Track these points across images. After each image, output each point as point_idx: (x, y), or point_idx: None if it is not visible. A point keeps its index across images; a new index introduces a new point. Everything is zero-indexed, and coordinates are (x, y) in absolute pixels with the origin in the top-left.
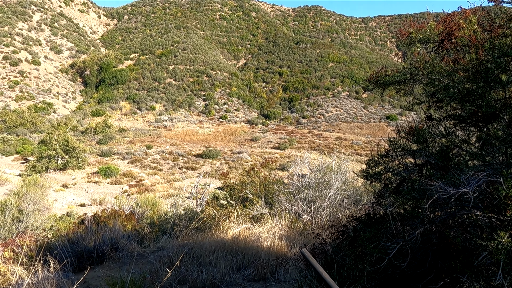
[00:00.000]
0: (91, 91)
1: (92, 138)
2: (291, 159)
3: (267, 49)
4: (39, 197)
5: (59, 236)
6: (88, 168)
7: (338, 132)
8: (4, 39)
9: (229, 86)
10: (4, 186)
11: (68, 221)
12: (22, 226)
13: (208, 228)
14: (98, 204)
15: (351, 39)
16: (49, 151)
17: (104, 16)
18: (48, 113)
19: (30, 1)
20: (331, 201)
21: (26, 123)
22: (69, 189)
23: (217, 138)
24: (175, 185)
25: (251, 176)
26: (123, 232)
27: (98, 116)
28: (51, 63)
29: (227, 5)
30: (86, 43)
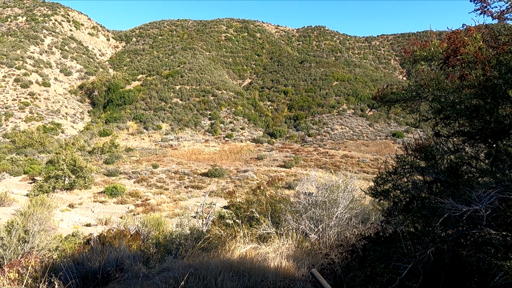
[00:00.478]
0: (99, 112)
1: (99, 158)
2: (297, 177)
3: (272, 68)
4: (45, 217)
5: (64, 256)
6: (94, 187)
7: (344, 150)
8: (16, 62)
9: (234, 105)
10: (11, 206)
11: (74, 241)
12: (27, 247)
13: (214, 248)
14: (104, 224)
15: (355, 57)
16: (56, 171)
17: (113, 39)
18: (57, 133)
19: (42, 25)
20: (339, 220)
21: (35, 144)
22: (75, 209)
23: (223, 157)
24: (181, 204)
25: (257, 194)
26: (129, 252)
27: (105, 136)
28: (61, 85)
29: (233, 27)
30: (95, 65)
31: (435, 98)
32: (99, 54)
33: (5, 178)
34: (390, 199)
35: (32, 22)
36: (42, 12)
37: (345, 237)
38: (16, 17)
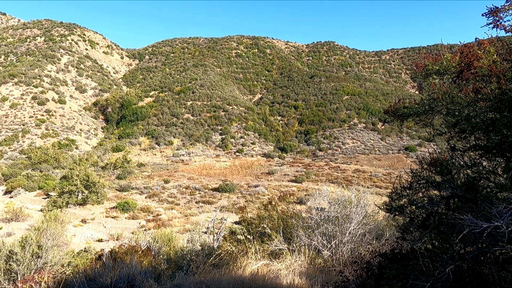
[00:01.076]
0: (112, 128)
1: (111, 173)
2: (308, 192)
3: (282, 83)
4: (58, 232)
5: (77, 272)
6: (107, 203)
7: (356, 164)
8: (34, 80)
9: (245, 120)
10: (26, 221)
11: (86, 257)
12: (40, 262)
13: (226, 265)
14: (116, 240)
15: (365, 72)
16: (70, 186)
17: (127, 57)
18: (71, 149)
19: (59, 45)
20: (352, 236)
21: (50, 159)
22: (87, 224)
23: (234, 172)
24: (192, 220)
25: (268, 210)
26: (140, 268)
27: (118, 151)
28: (76, 102)
29: (243, 43)
30: (109, 82)
31: (449, 111)
32: (113, 72)
33: (20, 194)
34: (405, 215)
35: (50, 42)
36: (59, 32)
37: (359, 253)
38: (35, 38)
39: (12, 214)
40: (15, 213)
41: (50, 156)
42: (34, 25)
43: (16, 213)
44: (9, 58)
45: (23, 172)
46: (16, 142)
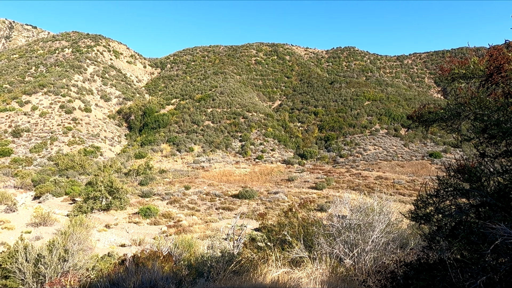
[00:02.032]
0: (135, 135)
1: (134, 179)
2: (329, 199)
3: (302, 90)
4: (83, 237)
5: (101, 276)
6: (129, 208)
7: (378, 171)
8: (62, 90)
9: (264, 127)
10: (53, 226)
11: (109, 261)
12: (67, 266)
13: (246, 272)
14: (138, 245)
15: (387, 77)
16: (94, 192)
17: (149, 66)
18: (96, 156)
19: (86, 55)
20: (375, 245)
21: (76, 166)
22: (111, 229)
23: (254, 178)
24: (212, 226)
25: (289, 217)
26: (162, 274)
27: (140, 158)
28: (101, 110)
29: (262, 50)
30: (132, 90)
31: (477, 116)
32: (136, 81)
33: (48, 199)
34: (431, 224)
35: (77, 53)
36: (86, 43)
37: (383, 263)
38: (63, 49)
39: (40, 219)
40: (43, 218)
41: (76, 163)
42: (63, 37)
43: (44, 218)
44: (39, 69)
45: (51, 178)
46: (45, 149)
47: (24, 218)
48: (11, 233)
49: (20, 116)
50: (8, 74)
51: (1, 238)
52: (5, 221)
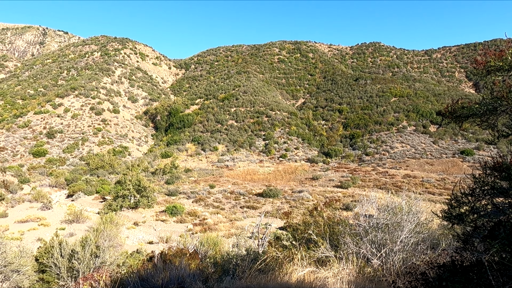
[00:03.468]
0: (161, 135)
1: (160, 178)
2: (355, 198)
3: (326, 87)
4: (114, 234)
5: (131, 272)
6: (156, 207)
7: (406, 169)
8: (92, 92)
9: (288, 125)
10: (85, 223)
11: (138, 258)
12: (98, 261)
13: (271, 270)
14: (165, 242)
15: (414, 72)
16: (123, 190)
17: (174, 67)
18: (124, 156)
19: (113, 58)
20: (404, 245)
21: (106, 165)
22: (139, 227)
23: (277, 177)
24: (237, 224)
25: (314, 216)
26: (189, 271)
27: (166, 157)
28: (128, 111)
29: (285, 49)
30: (158, 91)
31: None
32: (162, 82)
33: (80, 197)
34: (465, 224)
35: (106, 56)
36: (113, 47)
37: (412, 263)
38: (93, 53)
39: (73, 216)
40: (76, 216)
41: (106, 163)
42: (92, 42)
43: (77, 215)
44: (70, 73)
45: (83, 177)
46: (77, 150)
47: (59, 216)
48: (47, 230)
49: (54, 118)
50: (42, 78)
51: (38, 234)
52: (41, 218)
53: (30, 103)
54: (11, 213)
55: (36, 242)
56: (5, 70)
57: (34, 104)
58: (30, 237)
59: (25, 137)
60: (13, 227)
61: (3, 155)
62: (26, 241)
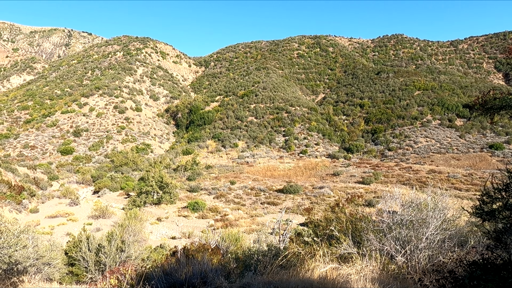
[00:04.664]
0: (182, 132)
1: (182, 175)
2: (377, 194)
3: (346, 81)
4: (138, 229)
5: (155, 267)
6: (178, 202)
7: (431, 164)
8: (115, 91)
9: (308, 121)
10: (111, 218)
11: (161, 252)
12: (124, 256)
13: (293, 266)
14: (187, 237)
15: (439, 64)
16: (147, 187)
17: (194, 65)
18: (147, 153)
19: (135, 58)
20: (430, 242)
21: (129, 163)
22: (162, 222)
23: (298, 173)
24: (258, 220)
25: (336, 212)
26: (211, 266)
27: (187, 154)
28: (150, 109)
29: (304, 43)
30: (179, 89)
31: None
32: (182, 80)
33: (106, 193)
34: (497, 221)
35: (128, 56)
36: (135, 46)
37: (439, 261)
38: (115, 53)
39: (99, 212)
40: (102, 211)
41: (129, 160)
42: (114, 42)
43: (103, 211)
44: (95, 73)
45: (108, 174)
46: (102, 147)
47: (86, 211)
48: (75, 225)
49: (80, 117)
50: (68, 79)
51: (67, 229)
52: (69, 213)
53: (57, 103)
54: (41, 209)
55: (65, 237)
56: (34, 72)
57: (61, 104)
58: (60, 232)
59: (53, 135)
60: (43, 222)
61: (33, 153)
62: (56, 235)
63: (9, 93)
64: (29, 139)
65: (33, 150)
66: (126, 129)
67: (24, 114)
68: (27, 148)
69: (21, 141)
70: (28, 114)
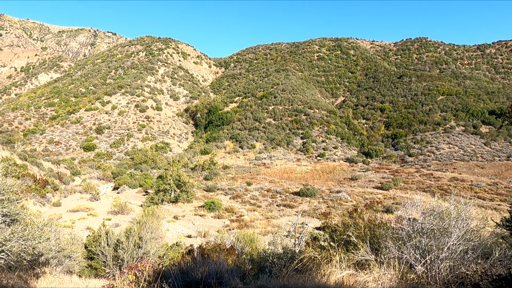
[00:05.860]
0: (200, 132)
1: (199, 174)
2: (396, 200)
3: (367, 85)
4: (155, 226)
5: (173, 264)
6: (195, 201)
7: (453, 171)
8: (137, 90)
9: (327, 124)
10: (129, 215)
11: (178, 250)
12: (141, 252)
13: (309, 271)
14: (203, 236)
15: (465, 69)
16: (164, 185)
17: (214, 66)
18: (166, 152)
19: (157, 58)
20: (451, 252)
21: (149, 160)
22: (179, 221)
23: (315, 176)
24: (273, 222)
25: (354, 217)
26: (227, 266)
27: (205, 154)
28: (170, 108)
29: (325, 46)
30: (198, 90)
31: None
32: (202, 80)
33: (125, 190)
34: None
35: (150, 56)
36: (157, 46)
37: (461, 272)
38: (138, 53)
39: (118, 208)
40: (121, 207)
41: (149, 158)
42: (138, 42)
43: (121, 207)
44: (118, 72)
45: (127, 171)
46: (122, 145)
47: (105, 207)
48: (95, 220)
49: (102, 114)
50: (93, 77)
51: (87, 223)
52: (90, 208)
53: (81, 101)
54: (64, 203)
55: (85, 231)
56: (61, 70)
57: (85, 101)
58: (80, 226)
59: (77, 132)
60: (65, 215)
61: (57, 149)
62: (76, 229)
63: (37, 90)
64: (54, 135)
65: (57, 146)
66: (146, 127)
67: (50, 111)
68: (52, 143)
69: (46, 136)
70: (54, 111)
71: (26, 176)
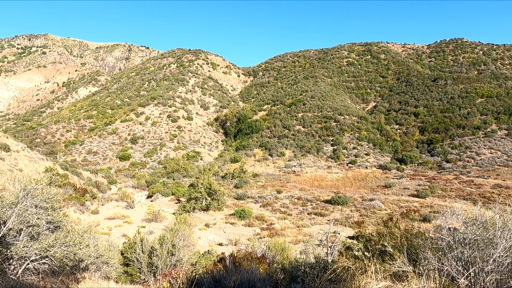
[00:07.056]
0: (230, 140)
1: (230, 183)
2: (433, 208)
3: (399, 89)
4: (187, 234)
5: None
6: (226, 209)
7: (496, 178)
8: (169, 101)
9: (358, 130)
10: (162, 222)
11: (209, 258)
12: (174, 259)
13: (342, 281)
14: (234, 245)
15: (506, 69)
16: (196, 193)
17: (243, 75)
18: (197, 160)
19: (188, 69)
20: (498, 264)
21: (180, 169)
22: (210, 229)
23: (346, 184)
24: (304, 231)
25: (389, 227)
26: (259, 275)
27: (235, 162)
28: (200, 118)
29: (354, 51)
30: (228, 99)
31: None
32: (231, 89)
33: (158, 198)
34: None
35: (181, 67)
36: (188, 58)
37: (509, 287)
38: (170, 65)
39: (152, 216)
40: (155, 215)
41: (180, 166)
42: (169, 55)
43: (155, 215)
44: (151, 84)
45: (160, 180)
46: (155, 154)
47: (140, 214)
48: (130, 227)
49: (137, 125)
50: (127, 90)
51: (123, 230)
52: (125, 216)
53: (117, 112)
54: (101, 210)
55: (121, 238)
56: (98, 84)
57: (120, 113)
58: (117, 233)
59: (113, 142)
60: (102, 223)
61: (95, 159)
62: (113, 236)
63: (76, 103)
64: (92, 146)
65: (95, 156)
66: (178, 137)
67: (88, 123)
68: (91, 153)
69: (85, 147)
70: (92, 123)
71: (67, 185)
